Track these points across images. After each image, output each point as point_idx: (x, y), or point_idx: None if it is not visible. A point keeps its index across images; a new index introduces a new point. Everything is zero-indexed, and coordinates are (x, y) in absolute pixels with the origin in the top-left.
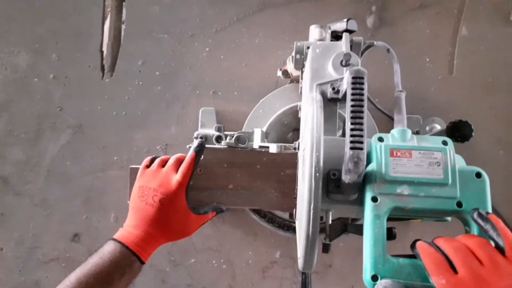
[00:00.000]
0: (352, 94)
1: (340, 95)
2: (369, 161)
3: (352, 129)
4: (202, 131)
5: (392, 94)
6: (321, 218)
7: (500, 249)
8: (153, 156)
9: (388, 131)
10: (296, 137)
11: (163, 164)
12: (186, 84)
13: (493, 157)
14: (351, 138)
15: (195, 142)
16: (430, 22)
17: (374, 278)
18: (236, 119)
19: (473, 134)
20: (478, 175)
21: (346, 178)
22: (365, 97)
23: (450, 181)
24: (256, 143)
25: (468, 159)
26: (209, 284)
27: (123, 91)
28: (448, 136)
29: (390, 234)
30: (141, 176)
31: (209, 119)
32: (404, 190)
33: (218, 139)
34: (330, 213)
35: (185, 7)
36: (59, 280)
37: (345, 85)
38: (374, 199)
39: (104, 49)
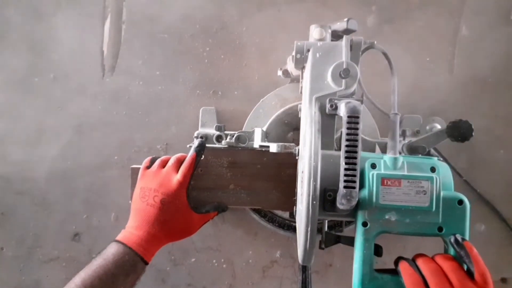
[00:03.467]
0: (347, 134)
1: (337, 112)
2: (361, 184)
3: (346, 169)
4: (202, 130)
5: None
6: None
7: (470, 274)
8: (153, 156)
9: (388, 131)
10: (297, 136)
11: (164, 164)
12: (187, 84)
13: (493, 157)
14: (345, 178)
15: (196, 142)
16: (430, 22)
17: None
18: (236, 118)
19: (473, 134)
20: (460, 202)
21: (340, 206)
22: (359, 137)
23: (434, 208)
24: (257, 142)
25: (468, 159)
26: (209, 283)
27: (123, 90)
28: (448, 135)
29: (378, 252)
30: (142, 178)
31: (209, 119)
32: (392, 216)
33: (219, 138)
34: (326, 222)
35: (185, 7)
36: (59, 279)
37: (341, 112)
38: (365, 224)
39: (105, 48)
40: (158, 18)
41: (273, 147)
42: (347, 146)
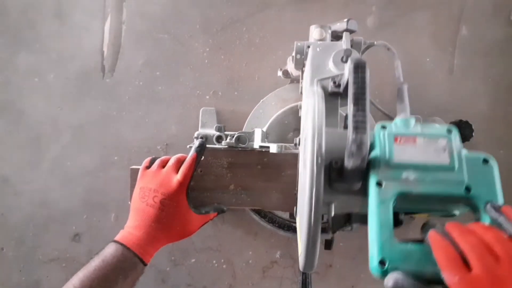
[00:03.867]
0: (354, 81)
1: (341, 89)
2: (372, 148)
3: (354, 113)
4: (202, 131)
5: (393, 92)
6: (322, 217)
7: None
8: (153, 156)
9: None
10: (297, 136)
11: (163, 164)
12: (187, 84)
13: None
14: (354, 121)
15: (196, 142)
16: (430, 22)
17: (382, 263)
18: (236, 119)
19: (473, 134)
20: (485, 161)
21: (349, 163)
22: (367, 84)
23: (456, 166)
24: (257, 143)
25: None
26: (209, 283)
27: (123, 91)
28: None
29: (397, 220)
30: (142, 178)
31: (209, 119)
32: (410, 175)
33: (219, 139)
34: (333, 205)
35: (185, 7)
36: (59, 280)
37: (346, 76)
38: (379, 184)
39: (105, 49)
40: (158, 18)
41: (273, 148)
42: (355, 89)
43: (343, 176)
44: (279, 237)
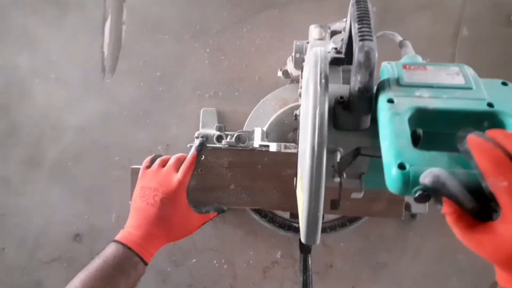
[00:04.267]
0: (357, 8)
1: (343, 53)
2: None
3: (360, 28)
4: (203, 131)
5: None
6: (323, 217)
7: None
8: (153, 155)
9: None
10: (296, 136)
11: (164, 164)
12: (187, 85)
13: None
14: (360, 35)
15: (197, 141)
16: (430, 23)
17: (401, 167)
18: (236, 119)
19: None
20: (504, 83)
21: (356, 82)
22: (370, 10)
23: (474, 86)
24: (257, 142)
25: None
26: (210, 284)
27: (124, 91)
28: None
29: (415, 137)
30: (142, 177)
31: (210, 120)
32: (424, 93)
33: (219, 138)
34: (338, 153)
35: (185, 8)
36: (60, 280)
37: (349, 20)
38: (390, 101)
39: (105, 49)
40: (158, 18)
41: (273, 147)
42: (358, 13)
43: (350, 108)
44: (280, 237)
